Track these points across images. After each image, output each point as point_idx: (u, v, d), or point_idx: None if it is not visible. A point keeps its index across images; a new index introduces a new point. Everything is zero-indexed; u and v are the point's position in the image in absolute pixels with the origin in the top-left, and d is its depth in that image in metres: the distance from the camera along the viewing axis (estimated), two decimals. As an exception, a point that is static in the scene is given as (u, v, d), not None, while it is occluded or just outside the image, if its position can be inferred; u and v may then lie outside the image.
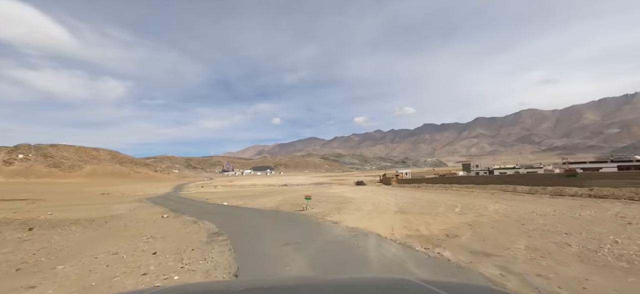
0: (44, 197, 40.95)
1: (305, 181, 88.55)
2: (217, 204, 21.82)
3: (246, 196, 29.31)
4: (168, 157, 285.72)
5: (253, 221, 12.41)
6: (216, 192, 40.52)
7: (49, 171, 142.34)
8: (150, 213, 16.06)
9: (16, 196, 39.75)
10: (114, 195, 46.53)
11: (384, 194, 26.75)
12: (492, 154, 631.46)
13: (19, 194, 50.97)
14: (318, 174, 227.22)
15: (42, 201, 31.51)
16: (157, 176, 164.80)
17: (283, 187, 57.75)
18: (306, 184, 67.18)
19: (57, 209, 18.47)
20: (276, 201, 22.95)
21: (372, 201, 19.11)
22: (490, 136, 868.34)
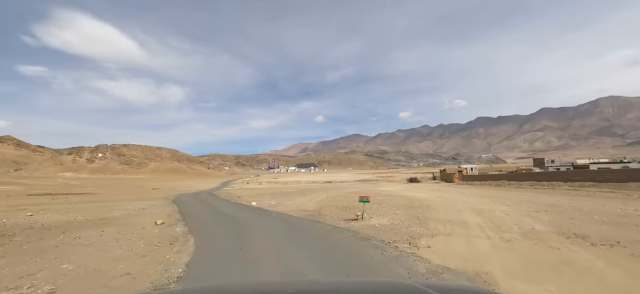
0: (101, 191, 42.37)
1: (349, 178, 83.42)
2: (244, 205, 17.74)
3: (283, 194, 25.45)
4: (220, 155, 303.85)
5: (264, 246, 6.89)
6: (256, 189, 37.77)
7: (122, 168, 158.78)
8: (152, 216, 12.60)
9: (75, 191, 41.57)
10: (162, 190, 47.32)
11: (461, 194, 20.36)
12: (562, 149, 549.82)
13: (84, 188, 54.47)
14: (362, 171, 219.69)
15: (91, 195, 31.85)
16: (210, 173, 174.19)
17: (326, 184, 53.44)
18: (351, 181, 61.91)
19: (71, 208, 16.33)
20: (317, 201, 18.41)
21: (461, 208, 12.63)
22: (559, 129, 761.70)
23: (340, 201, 17.51)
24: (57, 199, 22.85)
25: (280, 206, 16.70)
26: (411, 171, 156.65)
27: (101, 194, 33.53)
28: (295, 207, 15.40)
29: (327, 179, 79.64)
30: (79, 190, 42.69)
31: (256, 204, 18.05)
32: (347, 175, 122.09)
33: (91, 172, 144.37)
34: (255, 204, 18.11)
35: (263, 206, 16.37)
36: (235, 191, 34.65)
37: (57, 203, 18.72)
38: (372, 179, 71.59)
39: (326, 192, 27.29)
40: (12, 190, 41.65)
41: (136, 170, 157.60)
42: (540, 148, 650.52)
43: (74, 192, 36.32)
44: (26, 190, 41.45)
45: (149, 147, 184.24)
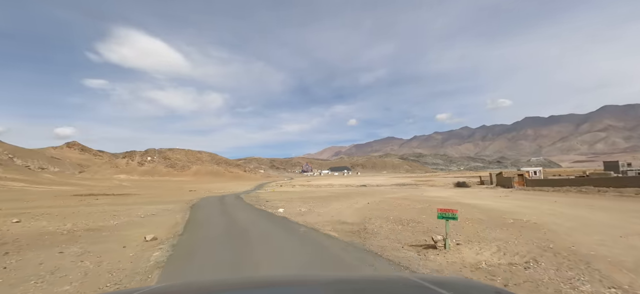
0: (140, 192, 42.83)
1: (385, 182, 78.01)
2: (268, 212, 14.55)
3: (316, 199, 22.17)
4: (255, 158, 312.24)
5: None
6: (288, 192, 35.05)
7: (168, 170, 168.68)
8: (155, 225, 10.06)
9: (118, 192, 42.35)
10: (197, 191, 47.00)
11: (552, 204, 15.22)
12: (631, 150, 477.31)
13: (129, 189, 56.26)
14: (397, 174, 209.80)
15: (126, 196, 31.58)
16: (245, 175, 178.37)
17: (361, 188, 49.16)
18: (388, 185, 56.86)
19: (77, 213, 14.54)
20: (358, 208, 14.75)
21: (608, 231, 7.67)
22: (627, 129, 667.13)
23: (388, 210, 13.67)
24: (85, 200, 22.10)
25: (311, 214, 13.36)
26: (451, 175, 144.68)
27: (136, 196, 33.17)
28: (331, 218, 11.92)
29: (362, 183, 75.17)
30: (121, 191, 43.50)
31: (283, 211, 14.91)
32: (382, 179, 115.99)
33: (141, 175, 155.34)
34: (283, 211, 14.97)
35: (291, 215, 13.14)
36: (265, 194, 32.20)
37: (76, 206, 17.36)
38: (409, 183, 65.67)
39: (364, 197, 23.45)
40: (66, 190, 43.82)
41: (180, 172, 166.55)
42: (603, 150, 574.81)
43: (116, 193, 36.69)
44: (78, 190, 43.25)
45: (191, 151, 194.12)
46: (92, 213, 13.16)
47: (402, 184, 67.91)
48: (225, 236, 8.13)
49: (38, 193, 34.21)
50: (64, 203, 18.62)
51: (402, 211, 13.06)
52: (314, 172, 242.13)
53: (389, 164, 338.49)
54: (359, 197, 24.11)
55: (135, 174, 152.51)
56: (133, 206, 17.52)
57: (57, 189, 47.26)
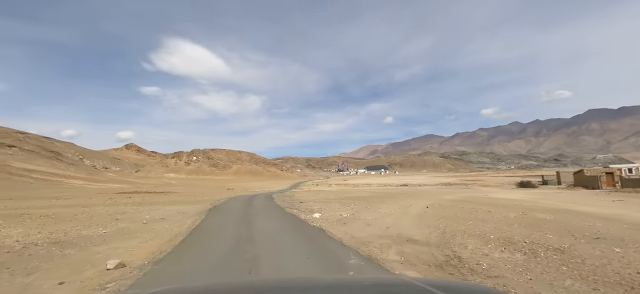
0: (180, 190, 42.98)
1: (427, 181, 70.97)
2: (300, 220, 10.83)
3: (357, 200, 18.56)
4: (292, 158, 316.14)
5: None
6: (325, 192, 31.87)
7: (211, 169, 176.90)
8: (150, 234, 7.52)
9: (159, 190, 42.88)
10: (234, 190, 46.19)
11: None
12: None
13: (172, 187, 57.72)
14: (439, 173, 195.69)
15: (162, 195, 31.08)
16: (282, 175, 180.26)
17: (402, 187, 44.24)
18: (431, 185, 50.79)
19: (75, 216, 12.72)
20: (417, 216, 10.86)
21: None
22: None
23: (465, 220, 9.64)
24: (116, 198, 21.21)
25: (356, 222, 9.87)
26: (501, 174, 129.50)
27: (172, 194, 32.58)
28: (386, 230, 8.34)
29: (402, 182, 69.38)
30: (164, 189, 44.05)
31: (320, 217, 11.62)
32: (422, 178, 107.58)
33: (188, 174, 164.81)
34: (319, 216, 11.69)
35: (330, 223, 9.72)
36: (300, 194, 29.35)
37: (98, 205, 15.95)
38: (456, 183, 58.45)
39: (416, 199, 19.28)
40: (115, 188, 45.77)
41: (221, 172, 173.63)
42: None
43: (158, 191, 36.80)
44: (126, 188, 44.83)
45: (232, 151, 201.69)
46: (99, 215, 11.23)
47: (448, 183, 60.89)
48: (225, 264, 5.05)
49: (88, 190, 35.48)
50: (91, 202, 17.55)
51: (491, 224, 8.92)
52: (350, 172, 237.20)
53: (428, 162, 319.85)
54: (409, 198, 19.97)
55: (182, 173, 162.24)
56: (156, 205, 15.63)
57: (109, 186, 49.63)
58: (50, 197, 21.72)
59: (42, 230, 7.89)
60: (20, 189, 31.57)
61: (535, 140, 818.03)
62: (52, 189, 33.67)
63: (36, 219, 9.53)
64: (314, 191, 36.29)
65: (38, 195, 24.00)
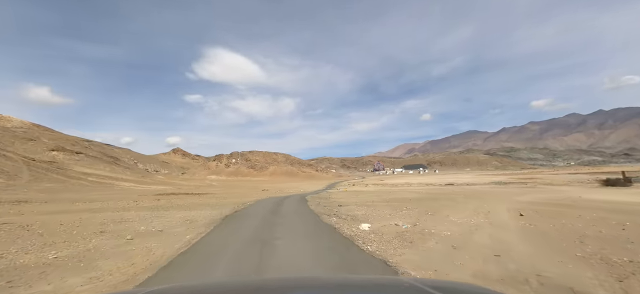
0: (216, 192, 42.43)
1: (474, 180, 62.71)
2: (343, 238, 7.36)
3: (406, 201, 14.84)
4: (327, 158, 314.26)
5: None
6: (364, 193, 28.30)
7: (249, 171, 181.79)
8: (115, 262, 4.83)
9: (197, 191, 42.72)
10: (269, 191, 44.57)
11: None
12: None
13: (211, 188, 58.21)
14: (484, 172, 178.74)
15: (196, 196, 30.09)
16: (317, 175, 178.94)
17: (449, 187, 38.70)
18: (480, 184, 44.08)
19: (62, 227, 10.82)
20: (519, 231, 7.08)
21: None
22: None
23: (615, 242, 5.69)
24: (145, 200, 20.05)
25: (429, 240, 6.41)
26: (561, 171, 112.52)
27: (206, 195, 31.50)
28: (497, 261, 4.85)
29: (445, 181, 62.50)
30: (201, 190, 43.92)
31: (370, 228, 8.31)
32: (468, 176, 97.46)
33: (228, 175, 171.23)
34: (368, 228, 8.37)
35: (389, 244, 6.25)
36: (337, 195, 26.13)
37: (112, 210, 14.34)
38: (512, 182, 50.58)
39: (483, 201, 14.99)
40: (157, 189, 46.87)
41: (259, 173, 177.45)
42: None
43: (194, 192, 36.31)
44: (166, 190, 45.59)
45: (268, 152, 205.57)
46: (93, 223, 9.17)
47: (501, 182, 53.06)
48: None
49: (133, 191, 36.14)
50: (118, 205, 16.23)
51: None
52: (386, 171, 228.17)
53: (472, 160, 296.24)
54: (473, 200, 15.70)
55: (223, 175, 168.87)
56: (173, 210, 13.57)
57: (154, 188, 51.07)
58: (85, 199, 21.24)
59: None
60: (73, 191, 32.71)
61: (598, 133, 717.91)
62: (101, 191, 34.71)
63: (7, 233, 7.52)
64: (352, 191, 32.90)
65: (81, 197, 23.93)
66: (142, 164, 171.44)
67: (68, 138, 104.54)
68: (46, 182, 32.60)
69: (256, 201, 18.86)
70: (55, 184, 34.23)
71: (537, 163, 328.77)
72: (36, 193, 23.43)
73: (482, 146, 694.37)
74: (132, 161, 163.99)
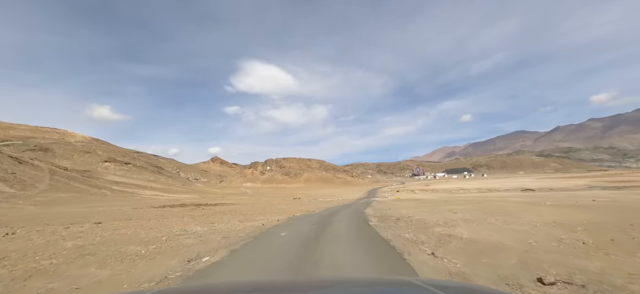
0: (243, 202, 37.82)
1: (541, 184, 50.48)
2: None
3: (510, 215, 7.27)
4: (361, 164, 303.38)
5: None
6: (424, 202, 20.89)
7: (283, 178, 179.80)
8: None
9: (223, 200, 38.37)
10: (301, 199, 38.67)
11: None
12: None
13: (239, 198, 53.96)
14: (543, 175, 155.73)
15: (224, 206, 25.12)
16: (353, 181, 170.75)
17: (528, 193, 29.27)
18: (568, 190, 33.24)
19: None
20: None
21: None
22: None
23: None
24: (148, 213, 15.15)
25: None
26: (631, 173, 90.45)
27: (225, 206, 26.46)
28: None
29: (511, 185, 51.32)
30: (225, 200, 39.57)
31: None
32: (530, 180, 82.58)
33: (263, 183, 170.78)
34: None
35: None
36: (391, 206, 19.03)
37: (104, 229, 9.18)
38: (605, 186, 38.61)
39: None
40: (180, 198, 43.62)
41: (293, 180, 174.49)
42: None
43: (214, 203, 31.84)
44: (187, 199, 42.04)
45: (302, 159, 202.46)
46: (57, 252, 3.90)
47: (589, 186, 41.25)
48: None
49: (149, 201, 32.67)
50: (113, 221, 11.27)
51: None
52: (426, 176, 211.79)
53: (525, 162, 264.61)
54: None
55: (258, 182, 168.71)
56: (170, 243, 7.90)
57: (178, 197, 48.04)
58: (90, 211, 16.93)
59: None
60: (82, 201, 29.48)
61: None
62: (115, 201, 31.61)
63: None
64: (407, 201, 25.47)
65: (78, 210, 20.00)
66: (183, 173, 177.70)
67: (120, 150, 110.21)
68: (63, 192, 30.31)
69: (290, 219, 12.65)
70: (73, 193, 31.89)
71: (604, 164, 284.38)
72: (29, 206, 20.02)
73: (533, 147, 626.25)
74: (175, 170, 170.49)
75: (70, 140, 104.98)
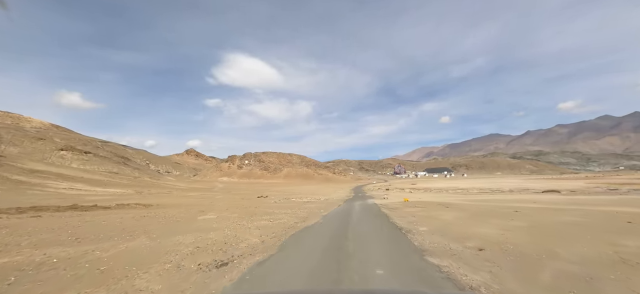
0: (197, 203, 30.56)
1: (527, 185, 47.40)
2: None
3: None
4: (344, 161, 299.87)
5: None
6: (458, 208, 14.88)
7: (262, 173, 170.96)
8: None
9: (170, 201, 30.82)
10: (268, 199, 31.54)
11: None
12: None
13: (199, 197, 46.32)
14: (521, 177, 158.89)
15: (150, 209, 17.68)
16: (335, 178, 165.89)
17: (555, 196, 24.44)
18: (600, 194, 29.09)
19: None
20: None
21: None
22: None
23: None
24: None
25: None
26: (622, 176, 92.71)
27: (157, 209, 19.21)
28: None
29: (513, 187, 47.64)
30: (178, 201, 31.99)
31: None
32: (514, 180, 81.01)
33: (240, 177, 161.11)
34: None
35: None
36: (400, 210, 12.77)
37: None
38: (596, 189, 35.34)
39: None
40: (107, 194, 35.51)
41: (272, 175, 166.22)
42: None
43: (145, 203, 24.27)
44: (124, 194, 34.19)
45: (282, 153, 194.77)
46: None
47: (587, 188, 37.94)
48: None
49: (55, 197, 24.53)
50: None
51: None
52: (408, 174, 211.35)
53: (502, 163, 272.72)
54: None
55: (235, 177, 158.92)
56: None
57: (110, 191, 39.70)
58: None
59: None
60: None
61: (634, 136, 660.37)
62: (12, 194, 23.17)
63: None
64: (417, 203, 19.40)
65: None
66: (154, 166, 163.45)
67: (82, 138, 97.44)
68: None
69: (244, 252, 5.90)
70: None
71: (571, 168, 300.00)
72: None
73: (506, 150, 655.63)
74: (144, 162, 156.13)
75: (26, 125, 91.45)
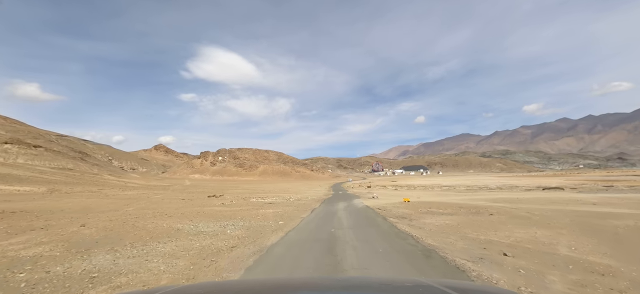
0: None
1: (502, 182, 47.10)
2: None
3: None
4: (322, 158, 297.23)
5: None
6: (442, 205, 11.46)
7: (237, 170, 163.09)
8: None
9: (124, 205, 25.24)
10: (224, 199, 26.88)
11: None
12: None
13: (150, 198, 40.37)
14: (493, 174, 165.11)
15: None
16: (313, 175, 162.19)
17: (558, 194, 22.23)
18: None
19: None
20: None
21: None
22: None
23: None
24: None
25: None
26: (581, 175, 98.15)
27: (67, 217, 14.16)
28: None
29: (500, 184, 46.69)
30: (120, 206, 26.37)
31: None
32: (493, 178, 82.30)
33: (213, 174, 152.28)
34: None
35: None
36: (419, 221, 9.04)
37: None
38: (569, 185, 34.79)
39: None
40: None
41: (248, 172, 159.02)
42: None
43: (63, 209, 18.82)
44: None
45: (259, 150, 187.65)
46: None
47: (556, 187, 37.36)
48: None
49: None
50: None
51: None
52: (386, 172, 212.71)
53: (474, 162, 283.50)
54: None
55: (207, 174, 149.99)
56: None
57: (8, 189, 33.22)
58: None
59: None
60: None
61: (588, 137, 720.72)
62: None
63: None
64: (436, 205, 15.86)
65: None
66: (117, 161, 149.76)
67: (33, 131, 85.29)
68: None
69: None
70: None
71: (535, 166, 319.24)
72: None
73: (476, 149, 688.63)
74: (106, 157, 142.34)
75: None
